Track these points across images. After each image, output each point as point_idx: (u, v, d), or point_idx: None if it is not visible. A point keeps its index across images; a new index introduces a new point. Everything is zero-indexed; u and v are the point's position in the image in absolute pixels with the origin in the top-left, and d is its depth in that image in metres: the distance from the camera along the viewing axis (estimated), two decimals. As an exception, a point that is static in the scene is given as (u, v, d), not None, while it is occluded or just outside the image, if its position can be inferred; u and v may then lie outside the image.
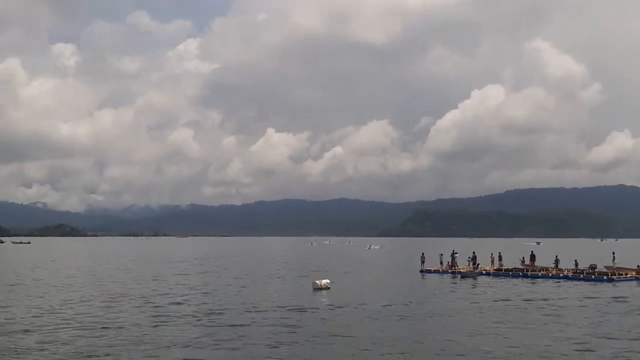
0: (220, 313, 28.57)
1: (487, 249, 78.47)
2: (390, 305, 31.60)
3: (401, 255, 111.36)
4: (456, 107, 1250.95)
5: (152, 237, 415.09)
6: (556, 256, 57.15)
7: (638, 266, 50.91)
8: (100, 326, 24.26)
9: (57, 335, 22.37)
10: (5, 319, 26.43)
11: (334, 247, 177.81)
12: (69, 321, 25.64)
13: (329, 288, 39.75)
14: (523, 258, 59.19)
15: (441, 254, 61.48)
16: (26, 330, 23.32)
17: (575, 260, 55.67)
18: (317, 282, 40.81)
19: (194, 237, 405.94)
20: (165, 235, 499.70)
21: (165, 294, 37.36)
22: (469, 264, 58.04)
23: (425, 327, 24.63)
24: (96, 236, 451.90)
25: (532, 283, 46.26)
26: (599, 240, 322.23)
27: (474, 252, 60.64)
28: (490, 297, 36.46)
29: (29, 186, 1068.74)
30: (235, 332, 23.22)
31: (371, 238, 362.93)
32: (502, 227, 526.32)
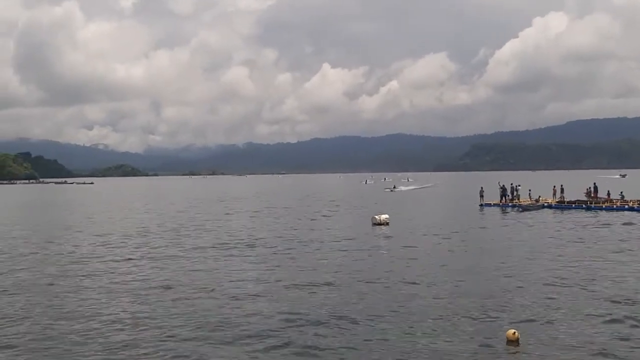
0: (279, 250, 29.06)
1: (551, 182, 76.46)
2: (450, 238, 31.55)
3: (458, 190, 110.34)
4: (517, 37, 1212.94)
5: (209, 176, 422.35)
6: (621, 192, 55.16)
7: None
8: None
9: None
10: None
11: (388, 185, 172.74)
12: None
13: (388, 223, 39.75)
14: (588, 189, 57.49)
15: (501, 187, 60.30)
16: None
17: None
18: (376, 217, 40.70)
19: (249, 176, 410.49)
20: (222, 174, 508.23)
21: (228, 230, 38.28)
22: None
23: (488, 258, 24.40)
24: (156, 176, 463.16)
25: (595, 215, 45.20)
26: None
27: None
28: (551, 228, 35.91)
29: (90, 128, 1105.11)
30: (299, 264, 23.58)
31: (427, 173, 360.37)
32: (562, 159, 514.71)
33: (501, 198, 57.00)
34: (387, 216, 41.11)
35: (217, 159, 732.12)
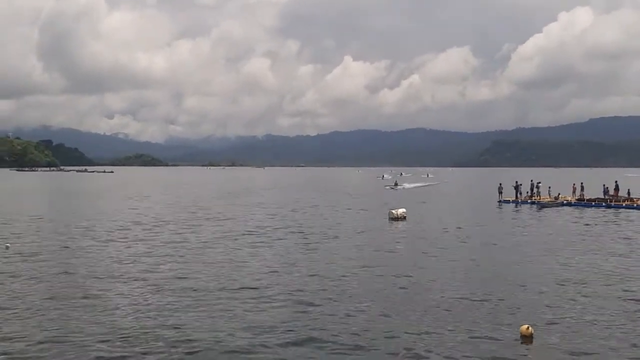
0: (302, 238, 29.17)
1: (572, 179, 75.50)
2: (468, 234, 31.37)
3: (475, 187, 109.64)
4: (540, 32, 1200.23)
5: (228, 168, 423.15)
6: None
7: None
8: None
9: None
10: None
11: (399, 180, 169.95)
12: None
13: (405, 218, 39.63)
14: (607, 188, 56.71)
15: (520, 184, 59.75)
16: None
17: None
18: (393, 211, 40.57)
19: (267, 168, 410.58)
20: (242, 165, 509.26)
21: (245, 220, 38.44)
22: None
23: (506, 254, 24.26)
24: (176, 166, 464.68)
25: (615, 213, 44.72)
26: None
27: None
28: (570, 226, 35.61)
29: (111, 117, 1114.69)
30: (318, 259, 23.67)
31: (447, 169, 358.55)
32: (584, 156, 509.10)
33: (516, 195, 56.91)
34: (404, 210, 40.97)
35: (237, 151, 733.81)
